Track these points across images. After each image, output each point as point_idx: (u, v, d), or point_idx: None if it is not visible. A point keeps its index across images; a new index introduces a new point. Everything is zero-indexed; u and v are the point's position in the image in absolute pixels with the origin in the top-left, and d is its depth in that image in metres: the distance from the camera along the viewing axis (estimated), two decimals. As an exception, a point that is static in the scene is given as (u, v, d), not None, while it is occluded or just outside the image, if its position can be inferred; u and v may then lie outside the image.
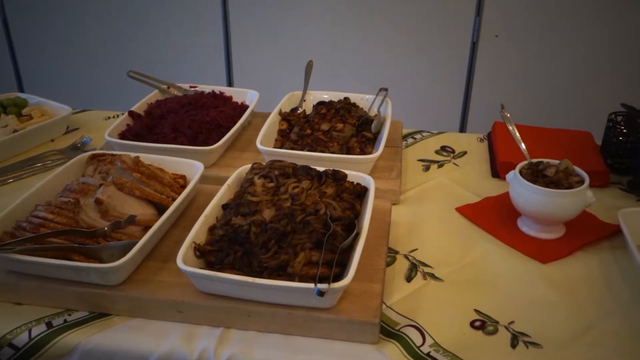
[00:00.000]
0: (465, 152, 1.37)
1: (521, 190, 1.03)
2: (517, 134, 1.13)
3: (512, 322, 0.86)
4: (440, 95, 2.42)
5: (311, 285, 0.77)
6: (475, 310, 0.88)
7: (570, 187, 1.02)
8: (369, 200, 0.97)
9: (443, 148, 1.38)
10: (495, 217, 1.11)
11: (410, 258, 1.00)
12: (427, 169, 1.30)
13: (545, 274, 0.97)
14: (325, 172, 1.01)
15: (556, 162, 1.08)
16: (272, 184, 0.98)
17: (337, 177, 1.01)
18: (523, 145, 1.11)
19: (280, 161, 1.04)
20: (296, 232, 0.87)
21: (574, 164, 1.21)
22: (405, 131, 1.46)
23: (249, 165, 1.05)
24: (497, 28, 2.27)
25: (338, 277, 0.81)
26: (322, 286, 0.77)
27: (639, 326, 0.85)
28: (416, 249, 1.02)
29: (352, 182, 1.02)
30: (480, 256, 1.01)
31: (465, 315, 0.88)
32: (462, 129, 2.45)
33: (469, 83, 2.38)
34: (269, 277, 0.83)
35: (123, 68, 1.52)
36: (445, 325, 0.86)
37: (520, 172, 1.06)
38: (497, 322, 0.86)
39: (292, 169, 1.01)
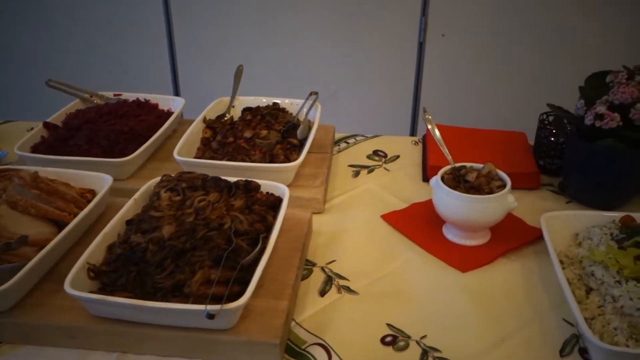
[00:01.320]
0: (397, 156, 1.33)
1: (442, 196, 1.00)
2: (440, 137, 1.10)
3: (424, 337, 0.82)
4: (391, 97, 2.39)
5: (201, 307, 0.72)
6: (388, 325, 0.85)
7: (491, 192, 0.99)
8: (282, 211, 0.92)
9: (375, 152, 1.34)
10: (420, 224, 1.08)
11: (326, 270, 0.96)
12: (356, 174, 1.26)
13: (464, 283, 0.93)
14: (236, 183, 0.96)
15: (480, 166, 1.05)
16: (178, 198, 0.92)
17: (249, 188, 0.97)
18: (446, 149, 1.08)
19: (190, 173, 0.99)
20: (196, 249, 0.82)
21: (505, 166, 1.18)
22: (338, 135, 1.42)
23: (159, 178, 1.00)
24: (444, 27, 2.24)
25: (240, 296, 0.76)
26: (213, 308, 0.72)
27: (552, 336, 0.82)
28: (334, 261, 0.98)
29: (266, 193, 0.98)
30: (400, 266, 0.97)
31: (377, 330, 0.84)
32: (413, 131, 2.43)
33: (417, 84, 2.36)
34: (163, 298, 0.78)
35: (52, 77, 1.45)
36: (354, 342, 0.82)
37: (443, 178, 1.03)
38: (409, 337, 0.82)
39: (201, 181, 0.96)
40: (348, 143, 1.40)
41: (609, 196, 1.10)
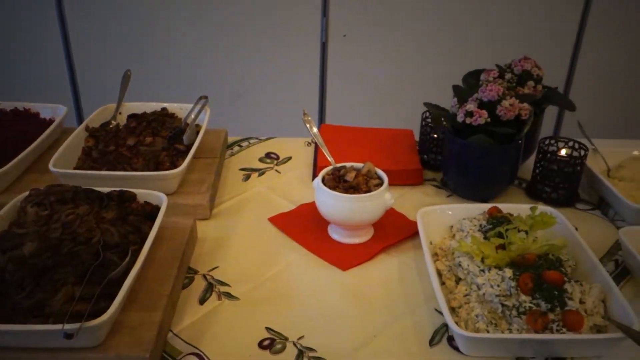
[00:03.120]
0: (290, 158, 1.34)
1: (322, 197, 1.02)
2: (321, 138, 1.12)
3: (301, 337, 0.83)
4: (296, 97, 2.40)
5: (58, 326, 0.70)
6: (267, 329, 0.85)
7: (369, 190, 1.01)
8: (157, 221, 0.91)
9: (267, 155, 1.35)
10: (307, 225, 1.09)
11: (208, 278, 0.95)
12: (247, 178, 1.26)
13: (344, 281, 0.95)
14: (109, 194, 0.94)
15: (360, 165, 1.07)
16: (45, 212, 0.89)
17: (124, 199, 0.94)
18: (326, 150, 1.10)
19: (60, 185, 0.95)
20: (60, 265, 0.79)
21: (391, 164, 1.22)
22: (232, 139, 1.41)
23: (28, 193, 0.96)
24: (345, 28, 2.28)
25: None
26: (71, 327, 0.70)
27: (423, 327, 0.86)
28: (217, 267, 0.98)
29: (143, 203, 0.96)
30: (283, 269, 0.98)
31: (255, 335, 0.84)
32: (319, 130, 2.45)
33: (322, 83, 2.39)
34: (23, 318, 0.74)
35: None
36: (231, 348, 0.81)
37: (324, 178, 1.04)
38: (286, 339, 0.83)
39: (72, 194, 0.93)
40: (241, 147, 1.39)
41: (483, 189, 1.16)
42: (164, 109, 1.34)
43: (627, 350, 0.79)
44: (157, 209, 0.96)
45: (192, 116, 1.29)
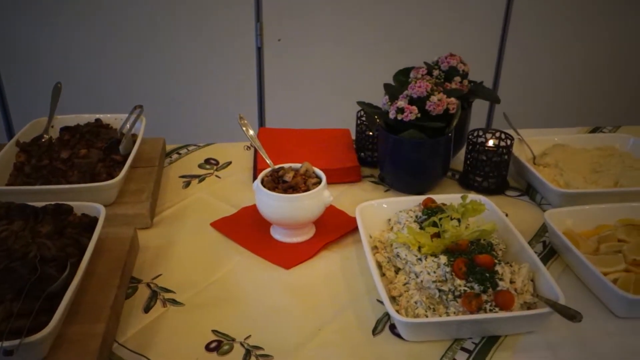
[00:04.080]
0: (230, 163, 1.35)
1: (262, 198, 1.03)
2: (258, 141, 1.13)
3: (248, 337, 0.85)
4: (236, 103, 2.40)
5: (-3, 344, 0.69)
6: (213, 331, 0.86)
7: (308, 189, 1.03)
8: (96, 232, 0.90)
9: (207, 161, 1.35)
10: (249, 227, 1.10)
11: (152, 286, 0.95)
12: (187, 185, 1.26)
13: (288, 280, 0.97)
14: (45, 208, 0.92)
15: (299, 165, 1.09)
16: (-22, 230, 0.87)
17: (60, 212, 0.93)
18: (264, 152, 1.11)
19: (-8, 202, 0.93)
20: (-5, 283, 0.77)
21: (329, 163, 1.25)
22: (170, 147, 1.41)
23: (-43, 211, 0.93)
24: (279, 32, 2.30)
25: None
26: (11, 343, 0.69)
27: (366, 317, 0.88)
28: (160, 275, 0.98)
29: (80, 215, 0.95)
30: (228, 272, 0.99)
31: (202, 338, 0.84)
32: (260, 134, 2.46)
33: (260, 88, 2.40)
34: (-41, 341, 0.72)
35: None
36: (178, 353, 0.82)
37: (263, 180, 1.06)
38: (233, 340, 0.84)
39: (4, 210, 0.91)
40: (180, 154, 1.39)
41: (418, 182, 1.20)
42: (98, 120, 1.32)
43: (556, 323, 0.85)
44: (95, 220, 0.95)
45: (128, 126, 1.28)
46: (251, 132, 1.13)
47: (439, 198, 1.07)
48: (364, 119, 1.32)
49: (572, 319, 0.78)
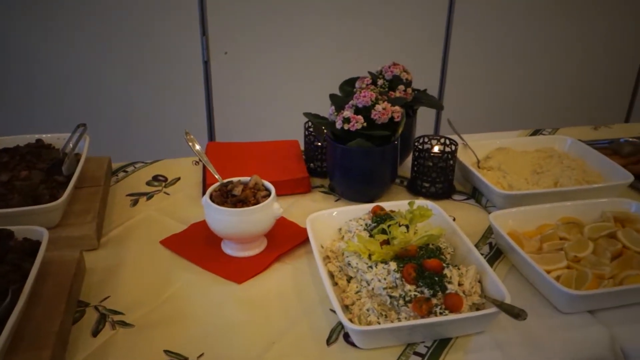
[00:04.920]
0: (178, 179, 1.33)
1: (212, 213, 1.02)
2: (205, 156, 1.13)
3: (201, 355, 0.83)
4: (184, 118, 2.38)
5: None
6: (165, 351, 0.84)
7: (257, 202, 1.03)
8: (39, 256, 0.87)
9: (155, 178, 1.33)
10: (200, 243, 1.09)
11: (100, 308, 0.93)
12: (135, 203, 1.23)
13: (240, 294, 0.96)
14: (-17, 233, 0.89)
15: (248, 179, 1.09)
16: None
17: (1, 237, 0.90)
18: (212, 167, 1.11)
19: None
20: None
21: (279, 174, 1.25)
22: (116, 165, 1.38)
23: None
24: (226, 45, 2.29)
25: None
26: (-52, 378, 0.66)
27: (320, 328, 0.89)
28: (109, 297, 0.95)
29: (22, 239, 0.92)
30: (179, 289, 0.98)
31: (153, 359, 0.83)
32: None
33: (209, 102, 2.38)
34: None
35: None
36: (129, 376, 0.80)
37: (211, 195, 1.05)
38: (186, 359, 0.83)
39: (-61, 238, 0.87)
40: (127, 172, 1.36)
41: (368, 190, 1.22)
42: (39, 140, 1.28)
43: (504, 322, 0.87)
44: (38, 244, 0.92)
45: (71, 145, 1.24)
46: (197, 147, 1.12)
47: (388, 205, 1.08)
48: (311, 129, 1.33)
49: (517, 317, 0.80)
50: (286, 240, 1.09)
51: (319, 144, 1.32)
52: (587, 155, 1.35)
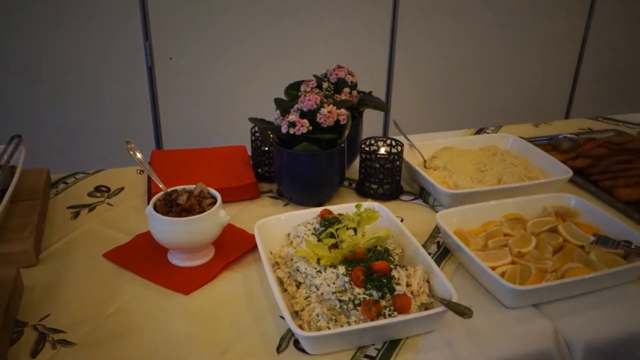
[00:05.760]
0: (122, 189, 1.30)
1: (156, 224, 1.00)
2: (147, 165, 1.10)
3: (148, 370, 0.81)
4: (129, 126, 2.32)
5: None
6: (110, 369, 0.81)
7: (203, 210, 1.01)
8: (-30, 277, 0.83)
9: (97, 188, 1.29)
10: (145, 255, 1.06)
11: (39, 328, 0.89)
12: (76, 215, 1.19)
13: (188, 306, 0.94)
14: None
15: (192, 187, 1.07)
16: None
17: None
18: (155, 176, 1.08)
19: None
20: None
21: (226, 181, 1.23)
22: (56, 177, 1.33)
23: None
24: (170, 51, 2.25)
25: None
26: None
27: (270, 336, 0.87)
28: (49, 315, 0.91)
29: (-49, 259, 0.87)
30: (124, 304, 0.94)
31: (97, 378, 0.80)
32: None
33: (154, 109, 2.33)
34: None
35: None
36: (71, 398, 0.77)
37: (155, 205, 1.02)
38: (131, 375, 0.80)
39: None
40: (67, 183, 1.32)
41: (316, 194, 1.22)
42: (-30, 153, 1.22)
43: (453, 320, 0.88)
44: (-31, 263, 0.87)
45: (5, 157, 1.19)
46: (139, 155, 1.09)
47: (336, 208, 1.08)
48: (258, 134, 1.32)
49: (463, 316, 0.81)
50: (235, 247, 1.08)
51: (266, 148, 1.31)
52: (528, 152, 1.38)
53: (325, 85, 1.30)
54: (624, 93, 3.04)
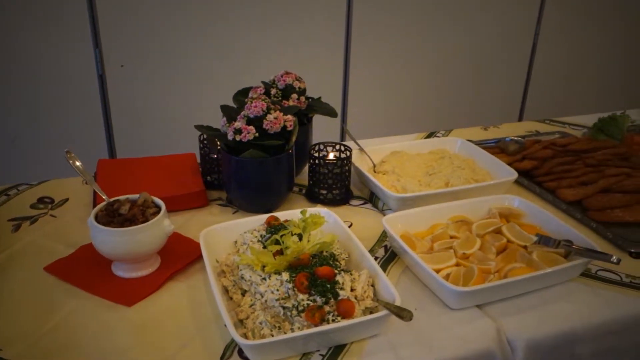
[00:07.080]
0: (67, 200, 1.26)
1: (97, 235, 0.98)
2: (88, 175, 1.08)
3: (86, 386, 0.79)
4: (80, 136, 2.27)
5: None
6: (43, 386, 0.79)
7: (146, 220, 0.99)
8: None
9: (40, 200, 1.26)
10: (88, 267, 1.03)
11: (-28, 346, 0.86)
12: (17, 228, 1.16)
13: (131, 317, 0.92)
14: None
15: (137, 196, 1.05)
16: None
17: None
18: (97, 186, 1.06)
19: None
20: None
21: (174, 189, 1.22)
22: (-3, 189, 1.29)
23: None
24: (121, 58, 2.21)
25: None
26: None
27: (214, 345, 0.86)
28: (-17, 332, 0.88)
29: None
30: (64, 318, 0.92)
31: (33, 396, 0.77)
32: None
33: (106, 117, 2.29)
34: None
35: None
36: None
37: (97, 215, 1.00)
38: (69, 392, 0.78)
39: None
40: (8, 195, 1.28)
41: (265, 200, 1.21)
42: None
43: (398, 324, 0.88)
44: None
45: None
46: (78, 163, 1.06)
47: (283, 215, 1.08)
48: (206, 142, 1.31)
49: (403, 318, 0.82)
50: (181, 257, 1.06)
51: (215, 156, 1.30)
52: (475, 155, 1.41)
53: (273, 91, 1.29)
54: (573, 97, 3.13)
